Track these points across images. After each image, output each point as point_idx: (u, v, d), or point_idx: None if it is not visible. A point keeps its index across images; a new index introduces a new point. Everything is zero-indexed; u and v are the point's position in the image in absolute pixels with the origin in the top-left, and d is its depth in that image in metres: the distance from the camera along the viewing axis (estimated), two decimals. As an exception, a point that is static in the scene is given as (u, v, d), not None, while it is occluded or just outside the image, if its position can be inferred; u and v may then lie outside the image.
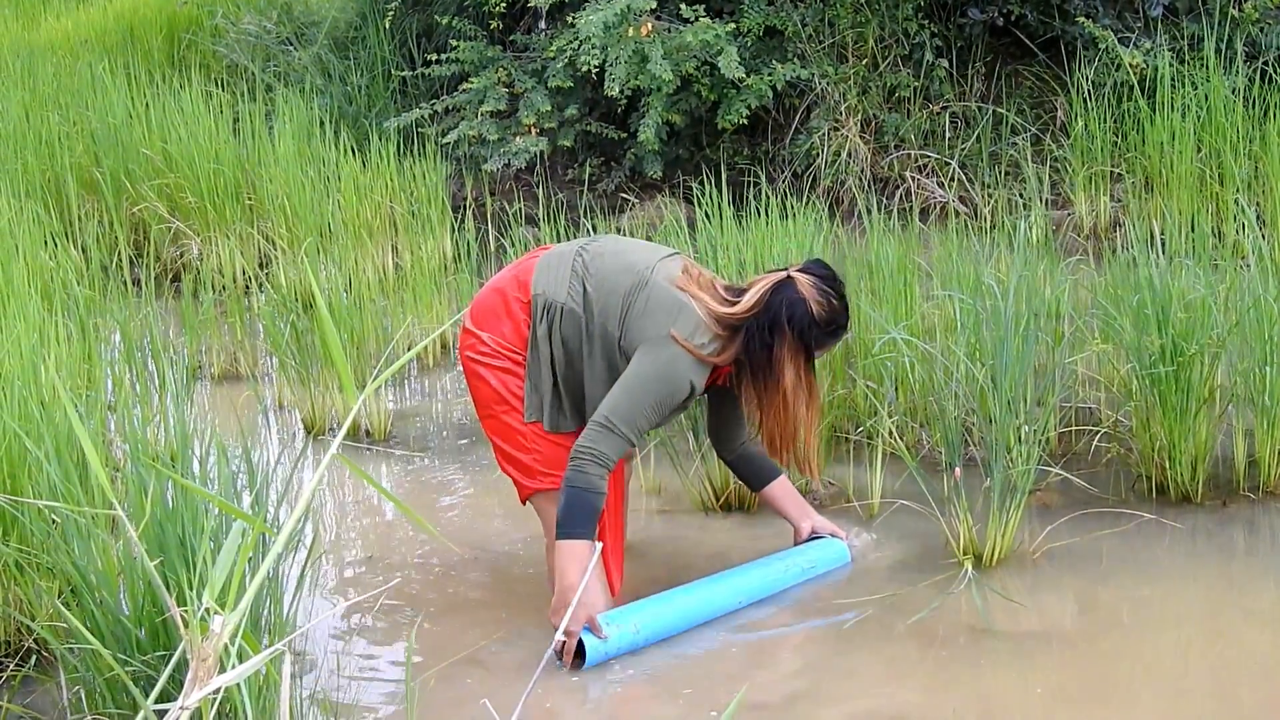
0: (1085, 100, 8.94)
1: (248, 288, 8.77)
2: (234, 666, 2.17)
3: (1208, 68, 8.64)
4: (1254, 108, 8.55)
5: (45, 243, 8.10)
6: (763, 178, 8.89)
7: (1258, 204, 8.19)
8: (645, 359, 4.75)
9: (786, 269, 4.91)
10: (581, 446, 4.71)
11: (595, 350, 4.85)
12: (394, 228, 9.31)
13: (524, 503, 5.09)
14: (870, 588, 5.22)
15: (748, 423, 5.20)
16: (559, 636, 4.59)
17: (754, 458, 5.34)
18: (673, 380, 4.74)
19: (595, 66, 9.50)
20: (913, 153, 9.54)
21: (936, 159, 9.46)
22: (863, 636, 4.92)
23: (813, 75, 9.69)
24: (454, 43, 10.51)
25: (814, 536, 5.39)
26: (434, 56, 10.75)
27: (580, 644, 4.74)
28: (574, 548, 4.70)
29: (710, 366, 4.81)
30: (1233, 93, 8.54)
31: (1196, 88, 8.65)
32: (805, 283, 4.82)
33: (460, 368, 5.14)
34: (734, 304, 4.80)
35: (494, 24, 10.83)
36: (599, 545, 3.68)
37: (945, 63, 9.72)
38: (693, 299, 4.77)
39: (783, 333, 4.78)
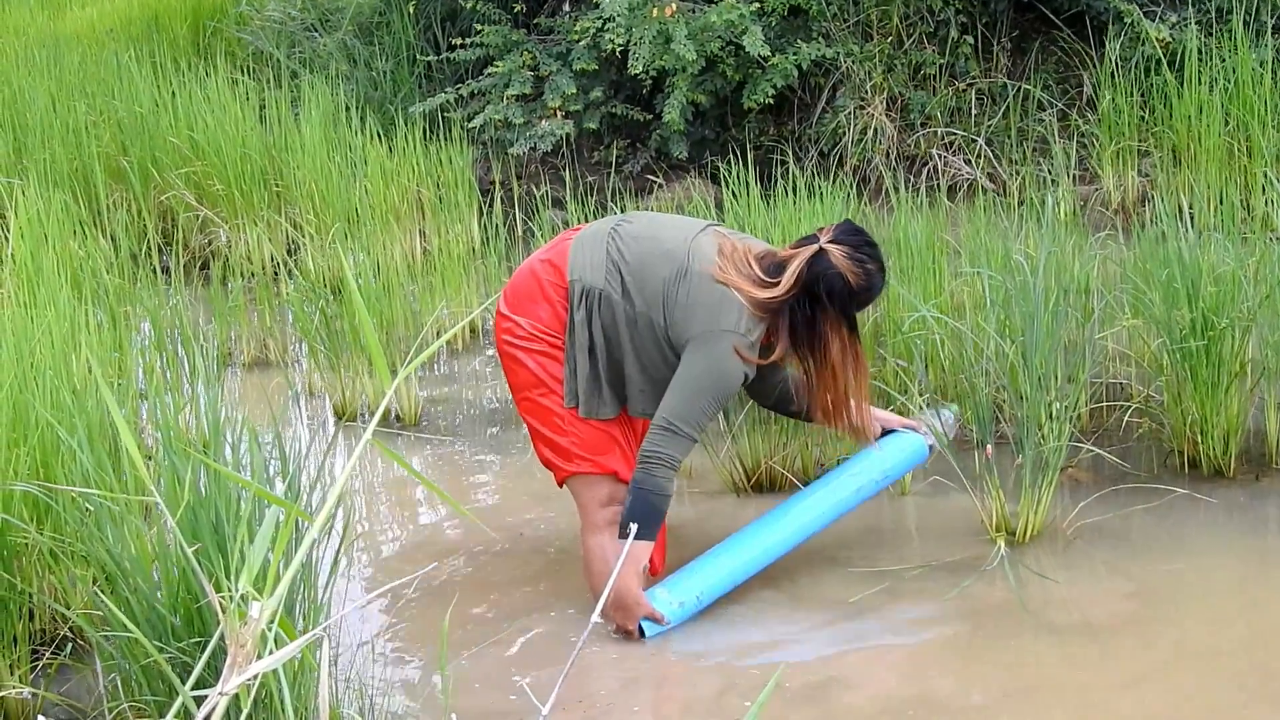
0: (1112, 75, 8.90)
1: (276, 274, 8.79)
2: (271, 652, 2.18)
3: (1235, 40, 8.60)
4: (1282, 80, 8.52)
5: (74, 232, 8.12)
6: (789, 157, 8.88)
7: (1286, 176, 8.16)
8: (697, 356, 4.74)
9: (817, 238, 4.85)
10: (649, 450, 4.73)
11: (639, 336, 4.84)
12: (421, 212, 9.31)
13: (561, 485, 5.10)
14: (902, 566, 5.22)
15: (797, 397, 5.21)
16: (599, 610, 4.60)
17: (792, 392, 5.25)
18: (726, 374, 4.74)
19: (619, 46, 9.48)
20: (939, 130, 9.51)
21: (963, 136, 9.43)
22: (894, 616, 4.92)
23: (838, 54, 9.66)
24: (478, 26, 10.50)
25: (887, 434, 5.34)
26: (458, 41, 10.74)
27: (640, 627, 4.82)
28: (639, 549, 4.75)
29: (758, 351, 4.81)
30: (1260, 65, 8.49)
31: (1224, 60, 8.61)
32: (838, 254, 4.77)
33: (492, 352, 5.13)
34: (772, 285, 4.77)
35: (518, 7, 10.82)
36: (632, 528, 3.68)
37: (970, 39, 9.67)
38: (732, 286, 4.75)
39: (823, 308, 4.78)
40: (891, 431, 5.32)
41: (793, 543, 5.14)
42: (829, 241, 4.82)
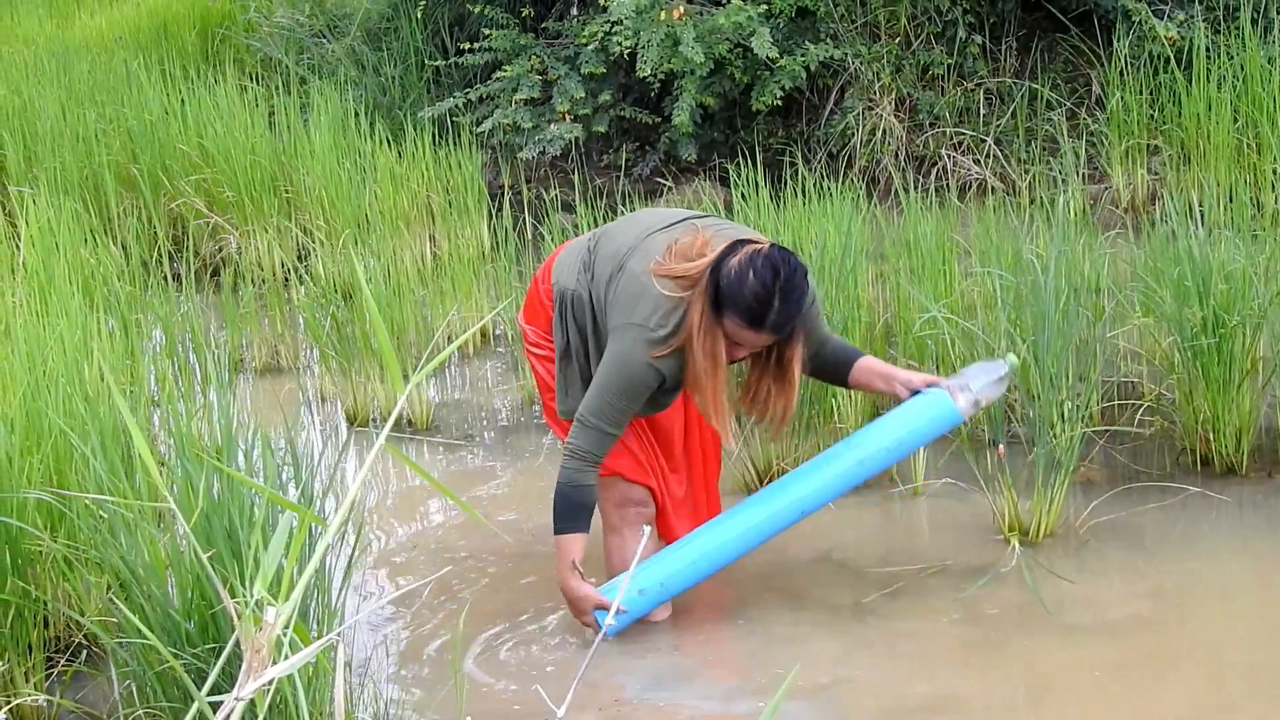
0: (1120, 73, 8.90)
1: (287, 280, 8.79)
2: (286, 657, 2.18)
3: (1243, 37, 8.59)
4: (1291, 77, 8.51)
5: (85, 240, 8.13)
6: (798, 159, 8.88)
7: (1296, 173, 8.16)
8: (609, 350, 4.67)
9: (765, 240, 4.62)
10: (566, 443, 4.73)
11: (601, 334, 4.81)
12: (431, 217, 9.32)
13: None
14: (916, 566, 5.22)
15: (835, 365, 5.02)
16: (613, 613, 4.58)
17: (827, 358, 4.99)
18: (629, 368, 4.62)
19: (627, 49, 9.49)
20: (948, 130, 9.51)
21: (972, 136, 9.43)
22: (908, 616, 4.92)
23: (846, 55, 9.67)
24: (486, 31, 10.50)
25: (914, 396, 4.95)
26: (467, 45, 10.74)
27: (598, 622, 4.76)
28: (565, 543, 4.74)
29: (678, 350, 4.64)
30: (1269, 62, 8.49)
31: (1232, 58, 8.61)
32: (745, 251, 4.52)
33: (503, 354, 5.13)
34: (697, 260, 4.59)
35: (526, 11, 10.82)
36: (648, 529, 3.64)
37: (978, 39, 9.68)
38: (658, 279, 4.60)
39: (704, 279, 4.56)
40: (915, 393, 4.93)
41: (777, 527, 4.92)
42: (765, 246, 4.57)
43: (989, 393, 4.92)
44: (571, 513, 4.73)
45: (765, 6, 9.58)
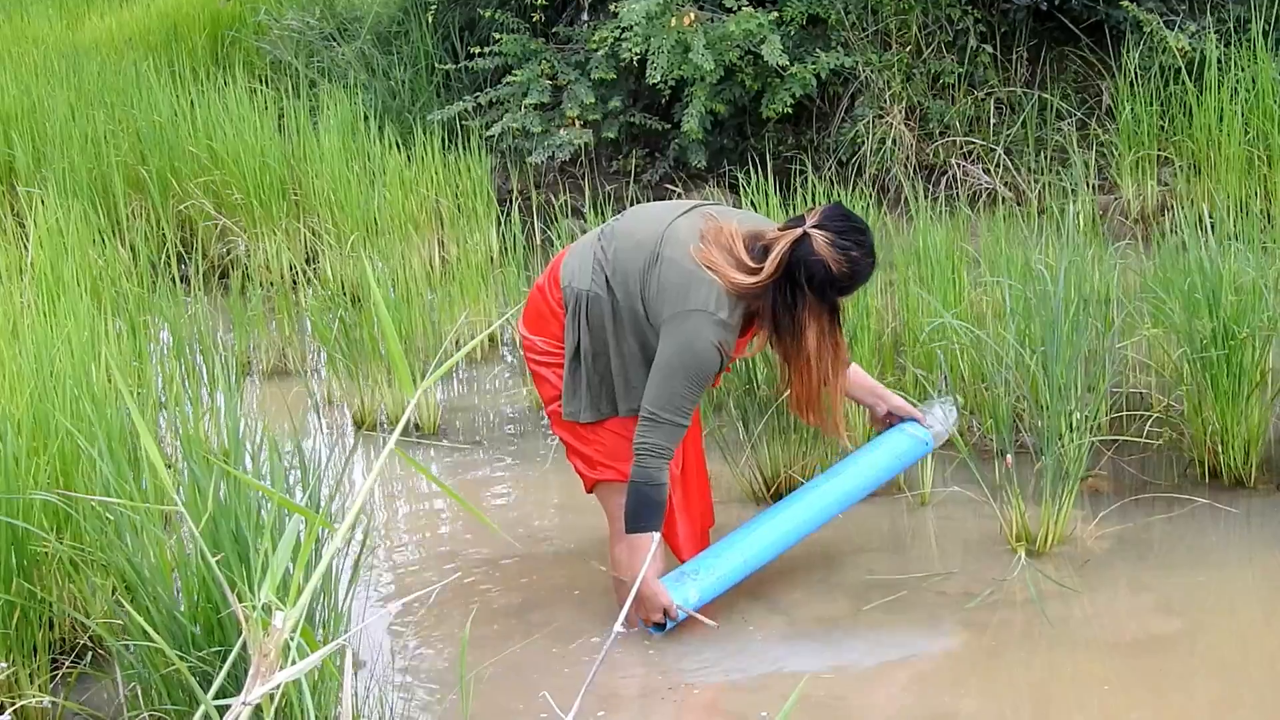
0: (1131, 84, 8.89)
1: (295, 283, 8.79)
2: (293, 662, 2.18)
3: (1254, 49, 8.58)
4: (1302, 89, 8.50)
5: (94, 241, 8.13)
6: (808, 166, 8.87)
7: (1307, 185, 8.15)
8: (667, 340, 4.69)
9: (804, 220, 4.72)
10: (637, 443, 4.72)
11: (623, 332, 4.81)
12: (440, 221, 9.31)
13: (589, 492, 5.10)
14: (923, 575, 5.21)
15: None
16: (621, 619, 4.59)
17: None
18: (696, 353, 4.66)
19: (637, 55, 9.48)
20: (958, 139, 9.50)
21: (982, 145, 9.42)
22: (911, 627, 4.91)
23: (856, 63, 9.66)
24: (496, 35, 10.50)
25: (890, 421, 5.29)
26: (477, 49, 10.72)
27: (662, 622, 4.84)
28: (641, 541, 4.76)
29: (736, 331, 4.73)
30: (1280, 74, 8.49)
31: (1244, 69, 8.60)
32: (821, 240, 4.63)
33: (511, 360, 5.12)
34: (755, 271, 4.66)
35: (536, 16, 10.82)
36: (656, 537, 3.67)
37: (989, 48, 9.67)
38: (709, 268, 4.67)
39: (803, 294, 4.66)
40: (899, 420, 5.27)
41: (801, 535, 5.12)
42: (814, 226, 4.68)
43: (948, 429, 5.34)
44: (649, 511, 4.76)
45: (776, 14, 9.58)
